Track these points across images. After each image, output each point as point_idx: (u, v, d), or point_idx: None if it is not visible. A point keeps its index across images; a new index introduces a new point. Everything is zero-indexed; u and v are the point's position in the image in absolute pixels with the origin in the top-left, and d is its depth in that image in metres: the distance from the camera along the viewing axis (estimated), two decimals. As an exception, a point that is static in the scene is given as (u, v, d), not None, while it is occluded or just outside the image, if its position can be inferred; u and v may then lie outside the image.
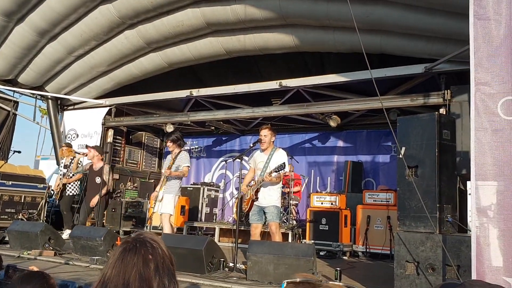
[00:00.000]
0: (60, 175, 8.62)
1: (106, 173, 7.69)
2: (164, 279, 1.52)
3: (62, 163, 8.73)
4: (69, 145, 9.01)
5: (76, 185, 8.46)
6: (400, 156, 4.31)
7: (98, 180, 7.58)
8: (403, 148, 4.33)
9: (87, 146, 8.18)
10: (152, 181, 11.33)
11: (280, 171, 5.49)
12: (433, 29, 6.58)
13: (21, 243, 6.43)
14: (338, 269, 4.81)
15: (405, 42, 7.09)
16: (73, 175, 8.45)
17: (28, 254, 5.92)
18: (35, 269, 2.23)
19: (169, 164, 6.56)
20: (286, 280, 1.30)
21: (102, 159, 8.01)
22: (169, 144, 6.78)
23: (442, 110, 6.84)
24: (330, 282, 4.24)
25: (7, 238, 6.74)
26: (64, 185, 8.41)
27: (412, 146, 4.38)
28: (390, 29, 6.95)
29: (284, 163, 5.49)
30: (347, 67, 7.85)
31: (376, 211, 7.47)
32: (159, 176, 9.28)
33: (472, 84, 3.60)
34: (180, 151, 6.76)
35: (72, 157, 8.65)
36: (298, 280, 1.32)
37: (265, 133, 5.87)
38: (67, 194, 8.41)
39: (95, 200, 7.60)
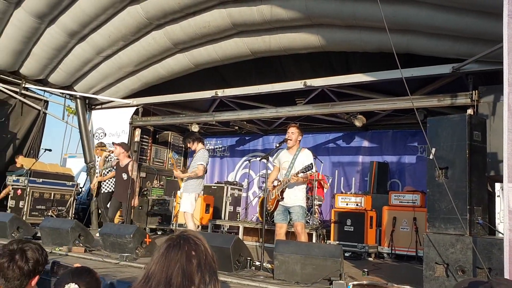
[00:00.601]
0: (97, 173, 8.83)
1: (131, 169, 7.81)
2: (205, 275, 1.56)
3: (97, 162, 8.91)
4: (103, 145, 9.16)
5: (111, 182, 8.52)
6: (431, 157, 4.28)
7: (124, 176, 7.69)
8: (433, 149, 4.30)
9: (113, 143, 8.30)
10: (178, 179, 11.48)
11: (307, 172, 5.50)
12: (461, 29, 6.50)
13: (52, 239, 6.61)
14: (365, 270, 4.81)
15: (432, 42, 7.02)
16: (108, 171, 8.60)
17: (59, 250, 6.08)
18: (79, 265, 2.32)
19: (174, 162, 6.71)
20: (352, 283, 1.33)
21: (128, 156, 8.07)
22: (190, 145, 6.88)
23: (470, 111, 6.74)
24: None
25: (39, 234, 6.92)
26: (100, 183, 8.59)
27: (442, 147, 4.34)
28: (417, 29, 6.90)
29: (311, 163, 5.49)
30: (373, 67, 7.81)
31: (402, 213, 7.41)
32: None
33: (505, 85, 3.54)
34: (200, 149, 6.88)
35: (106, 156, 8.83)
36: (365, 282, 1.36)
37: (293, 131, 5.87)
38: (102, 192, 8.54)
39: (136, 201, 7.77)
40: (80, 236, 6.51)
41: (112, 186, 8.48)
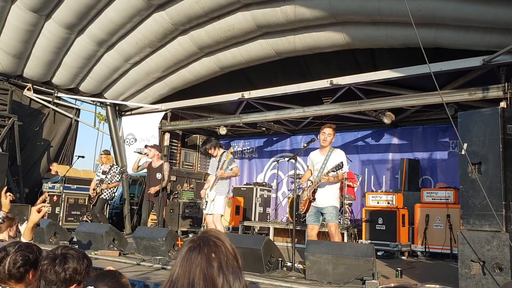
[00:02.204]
0: (97, 180, 8.83)
1: (166, 170, 7.94)
2: (228, 276, 1.53)
3: (100, 169, 8.95)
4: (107, 153, 9.34)
5: (112, 190, 8.74)
6: (462, 152, 4.19)
7: (159, 176, 7.79)
8: (465, 144, 4.20)
9: (146, 146, 8.43)
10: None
11: (338, 171, 5.44)
12: (491, 20, 6.34)
13: (88, 244, 6.76)
14: (399, 269, 4.74)
15: (461, 35, 6.88)
16: (112, 182, 8.72)
17: (95, 254, 6.22)
18: (112, 269, 2.34)
19: (217, 165, 6.72)
20: (381, 286, 1.32)
21: (161, 157, 8.26)
22: (212, 151, 6.88)
23: (503, 104, 6.57)
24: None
25: (75, 239, 7.10)
26: (102, 190, 8.66)
27: (474, 142, 4.23)
28: (445, 22, 6.77)
29: (342, 162, 5.41)
30: (400, 63, 7.71)
31: (435, 210, 7.27)
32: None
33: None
34: (223, 152, 6.91)
35: (111, 164, 8.95)
36: (392, 285, 1.34)
37: (329, 132, 5.79)
38: (100, 197, 8.64)
39: (154, 189, 7.92)
40: (114, 240, 6.64)
41: (111, 194, 8.68)
